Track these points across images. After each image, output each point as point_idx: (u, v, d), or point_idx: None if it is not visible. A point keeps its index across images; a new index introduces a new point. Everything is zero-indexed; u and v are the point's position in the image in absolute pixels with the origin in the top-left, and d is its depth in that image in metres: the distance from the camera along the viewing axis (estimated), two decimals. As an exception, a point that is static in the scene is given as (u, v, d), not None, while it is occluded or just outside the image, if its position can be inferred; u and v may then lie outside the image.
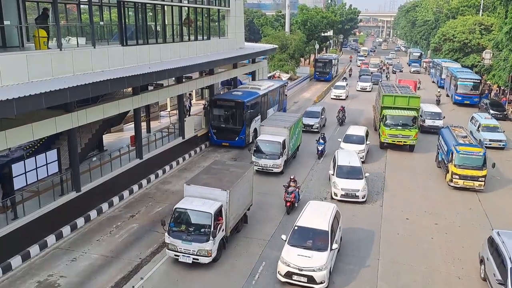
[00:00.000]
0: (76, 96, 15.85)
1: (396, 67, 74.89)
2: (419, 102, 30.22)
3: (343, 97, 47.66)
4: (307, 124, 32.28)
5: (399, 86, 35.43)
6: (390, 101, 29.84)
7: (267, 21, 74.68)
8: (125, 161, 21.60)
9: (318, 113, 34.15)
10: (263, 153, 23.94)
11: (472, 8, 72.90)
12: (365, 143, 27.17)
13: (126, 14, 21.23)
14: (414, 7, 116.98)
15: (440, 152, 26.03)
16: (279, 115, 28.93)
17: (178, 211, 15.55)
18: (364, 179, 21.31)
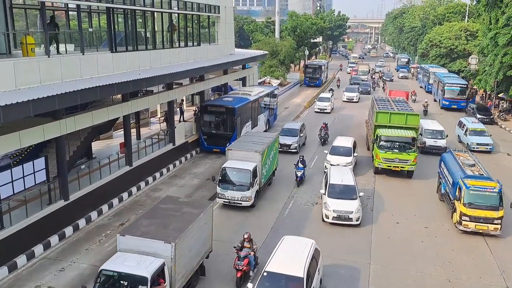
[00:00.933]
0: (64, 103, 15.68)
1: (387, 76, 69.68)
2: (418, 121, 26.64)
3: (328, 110, 43.14)
4: (284, 143, 28.44)
5: (394, 100, 31.23)
6: (384, 118, 26.33)
7: (257, 28, 74.94)
8: (115, 168, 21.39)
9: (296, 130, 30.12)
10: (231, 183, 20.22)
11: (458, 14, 74.04)
12: (352, 155, 25.71)
13: (116, 21, 21.11)
14: (402, 13, 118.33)
15: (443, 183, 21.82)
16: (251, 135, 24.57)
17: (104, 273, 11.83)
18: (358, 199, 19.38)
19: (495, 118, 40.28)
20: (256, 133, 27.37)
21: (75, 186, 18.74)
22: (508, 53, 34.57)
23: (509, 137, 33.47)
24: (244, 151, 21.36)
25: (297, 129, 30.37)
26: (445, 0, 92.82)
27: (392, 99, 31.99)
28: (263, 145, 21.93)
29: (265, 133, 29.48)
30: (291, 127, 30.77)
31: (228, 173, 20.52)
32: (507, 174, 26.18)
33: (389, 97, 33.01)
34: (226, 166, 20.66)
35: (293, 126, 30.99)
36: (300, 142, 30.29)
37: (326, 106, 43.38)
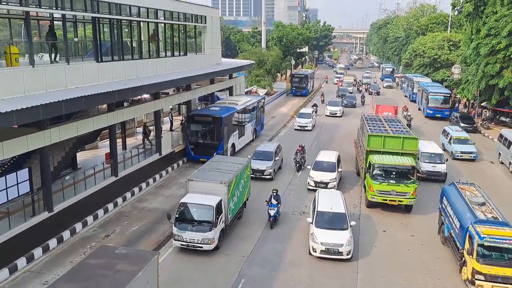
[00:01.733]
0: (48, 114, 15.51)
1: (373, 88, 65.94)
2: (416, 145, 23.18)
3: (309, 127, 39.47)
4: (256, 169, 25.06)
5: (387, 120, 27.86)
6: (377, 143, 23.00)
7: (244, 38, 75.25)
8: (100, 179, 21.16)
9: (271, 153, 26.43)
10: (190, 222, 16.99)
11: (441, 25, 75.39)
12: (336, 170, 24.36)
13: (101, 30, 21.05)
14: (386, 24, 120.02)
15: (446, 224, 18.20)
16: (218, 161, 20.99)
17: None
18: (350, 229, 17.29)
19: (478, 127, 40.90)
20: (225, 158, 23.46)
21: (59, 197, 18.48)
22: (490, 63, 35.26)
23: (492, 145, 33.98)
24: (208, 182, 18.20)
25: (272, 151, 26.60)
26: (428, 11, 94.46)
27: (385, 118, 28.40)
28: (231, 174, 18.76)
29: (235, 158, 25.31)
30: (265, 149, 27.06)
31: (187, 210, 17.35)
32: (491, 182, 26.56)
33: (380, 116, 28.80)
34: (184, 202, 17.41)
35: (267, 148, 27.31)
36: (276, 167, 26.84)
37: (307, 123, 39.52)
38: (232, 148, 29.86)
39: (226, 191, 17.92)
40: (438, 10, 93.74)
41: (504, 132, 30.83)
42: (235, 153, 30.37)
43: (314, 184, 23.87)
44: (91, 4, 19.26)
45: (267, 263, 16.83)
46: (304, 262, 16.96)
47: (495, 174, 28.51)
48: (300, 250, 17.87)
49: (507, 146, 28.98)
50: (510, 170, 28.22)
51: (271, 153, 26.54)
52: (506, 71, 34.34)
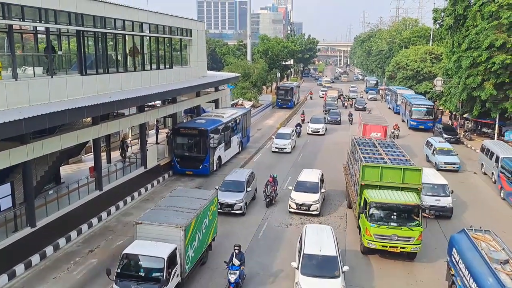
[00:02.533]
0: (31, 127, 15.35)
1: (359, 103, 62.62)
2: (420, 178, 19.29)
3: (288, 149, 35.43)
4: (224, 203, 21.68)
5: (382, 144, 24.33)
6: (374, 175, 19.43)
7: (229, 50, 75.76)
8: (84, 193, 20.89)
9: (242, 184, 22.92)
10: (134, 279, 13.69)
11: (423, 38, 76.90)
12: (320, 191, 22.66)
13: (86, 43, 20.97)
14: (369, 37, 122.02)
15: (458, 286, 14.37)
16: (178, 196, 17.77)
17: None
18: (342, 276, 14.62)
19: (461, 138, 41.55)
20: (187, 191, 19.43)
21: (42, 212, 18.17)
22: (472, 75, 35.97)
23: (475, 156, 34.49)
24: (160, 225, 14.91)
25: (243, 181, 23.08)
26: (410, 25, 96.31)
27: (379, 142, 24.77)
28: (191, 214, 15.65)
29: (200, 191, 20.42)
30: (236, 178, 23.47)
31: (132, 263, 14.22)
32: (475, 192, 26.92)
33: (374, 140, 25.03)
34: (128, 253, 14.18)
35: (238, 177, 23.66)
36: (248, 199, 23.23)
37: (285, 145, 35.42)
38: (218, 161, 29.81)
39: (183, 237, 14.63)
40: (420, 23, 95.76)
41: (486, 143, 31.35)
42: (221, 165, 30.30)
43: (295, 206, 22.28)
44: (75, 17, 19.22)
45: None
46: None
47: (478, 184, 28.90)
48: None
49: (489, 157, 29.45)
50: (492, 181, 28.63)
51: (242, 183, 22.94)
52: (487, 83, 35.03)
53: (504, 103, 35.07)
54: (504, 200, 25.46)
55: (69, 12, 18.75)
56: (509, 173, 25.11)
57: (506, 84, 34.69)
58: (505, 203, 25.09)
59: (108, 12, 21.42)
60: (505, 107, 35.07)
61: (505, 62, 33.06)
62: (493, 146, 29.76)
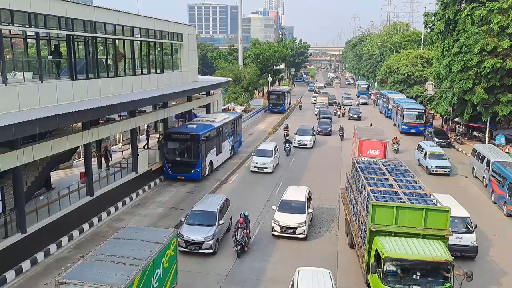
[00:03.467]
0: (21, 133, 15.19)
1: (354, 112, 57.58)
2: (447, 222, 15.03)
3: (270, 169, 30.66)
4: (191, 240, 17.94)
5: (389, 168, 19.83)
6: (387, 217, 15.14)
7: (221, 55, 75.69)
8: (75, 199, 20.70)
9: (213, 216, 18.98)
10: None
11: (414, 42, 77.54)
12: (307, 211, 20.38)
13: (76, 48, 20.85)
14: (360, 41, 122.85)
15: None
16: (125, 239, 13.93)
17: None
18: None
19: (452, 142, 41.84)
20: (139, 232, 14.72)
21: (33, 218, 17.98)
22: (463, 79, 36.26)
23: (466, 160, 34.74)
24: (90, 285, 11.23)
25: (214, 212, 19.16)
26: (402, 29, 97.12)
27: (386, 164, 20.61)
28: (134, 268, 12.03)
29: (151, 231, 15.18)
30: (206, 208, 19.54)
31: None
32: (466, 196, 27.08)
33: (380, 163, 20.74)
34: None
35: (209, 206, 19.69)
36: (221, 234, 19.30)
37: (266, 164, 30.76)
38: (210, 166, 29.73)
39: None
40: (411, 28, 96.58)
41: (477, 147, 31.60)
42: (213, 170, 30.21)
43: (280, 229, 19.95)
44: (65, 22, 19.10)
45: None
46: None
47: (469, 188, 29.09)
48: None
49: (480, 161, 29.67)
50: (483, 184, 28.84)
51: (213, 215, 19.04)
52: (478, 87, 35.33)
53: (494, 106, 35.40)
54: (495, 204, 25.65)
55: (59, 16, 18.64)
56: (499, 177, 25.31)
57: (497, 88, 35.04)
58: (496, 207, 25.27)
59: (98, 17, 21.33)
60: (495, 110, 35.40)
61: (496, 66, 33.38)
62: (484, 150, 29.99)
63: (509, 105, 34.28)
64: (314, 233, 21.04)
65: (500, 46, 33.34)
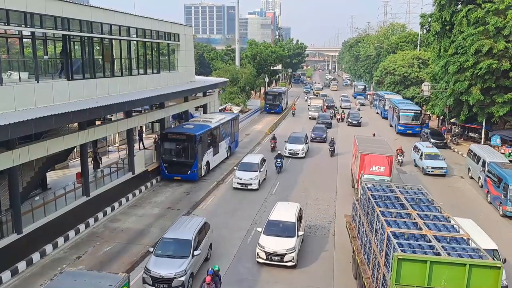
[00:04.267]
0: (17, 133, 15.14)
1: (353, 118, 52.68)
2: (498, 283, 11.21)
3: (255, 185, 26.88)
4: (158, 277, 15.09)
5: (409, 197, 15.73)
6: (417, 274, 11.49)
7: (217, 55, 75.76)
8: (71, 199, 20.64)
9: (187, 244, 16.08)
10: None
11: (410, 43, 77.74)
12: (296, 234, 17.70)
13: (72, 48, 20.80)
14: (357, 42, 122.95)
15: None
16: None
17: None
18: None
19: (448, 143, 41.97)
20: (75, 278, 12.24)
21: (28, 219, 17.90)
22: (459, 80, 36.39)
23: (462, 161, 34.86)
24: None
25: (189, 240, 16.20)
26: (398, 30, 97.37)
27: (403, 190, 16.62)
28: None
29: (95, 276, 12.54)
30: (179, 236, 16.55)
31: None
32: (462, 196, 27.18)
33: (395, 188, 16.63)
34: None
35: (183, 233, 16.67)
36: (195, 267, 16.32)
37: (251, 179, 26.97)
38: (207, 166, 29.70)
39: None
40: (407, 29, 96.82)
41: (473, 148, 31.71)
42: (209, 171, 30.19)
43: (265, 256, 17.26)
44: (61, 22, 19.05)
45: None
46: None
47: (465, 188, 29.18)
48: None
49: (476, 161, 29.78)
50: (479, 185, 28.94)
51: (187, 244, 16.10)
52: (474, 88, 35.46)
53: (490, 107, 35.53)
54: (490, 204, 25.74)
55: (55, 16, 18.58)
56: (495, 178, 25.41)
57: (493, 89, 35.18)
58: (492, 207, 25.37)
59: (95, 17, 21.28)
60: (491, 111, 35.54)
61: (492, 67, 33.52)
62: (480, 151, 30.10)
63: (505, 106, 34.44)
64: (306, 258, 18.32)
65: (495, 47, 33.48)
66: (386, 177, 23.21)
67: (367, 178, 22.80)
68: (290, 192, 27.21)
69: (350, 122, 52.69)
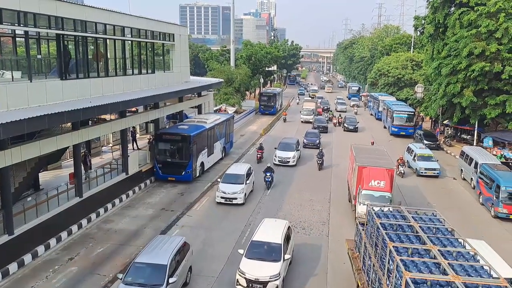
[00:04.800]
0: (9, 133, 15.01)
1: (349, 123, 49.92)
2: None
3: (240, 199, 24.17)
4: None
5: (425, 226, 13.33)
6: None
7: (213, 56, 75.61)
8: (63, 200, 20.50)
9: (162, 270, 14.18)
10: None
11: (404, 45, 78.10)
12: (282, 257, 15.78)
13: (66, 47, 20.69)
14: (351, 44, 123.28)
15: None
16: None
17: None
18: None
19: (441, 144, 42.19)
20: None
21: (20, 220, 17.75)
22: (451, 82, 36.60)
23: (455, 162, 35.03)
24: None
25: (164, 266, 14.35)
26: (392, 32, 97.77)
27: (417, 217, 14.43)
28: None
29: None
30: (153, 260, 14.66)
31: None
32: (454, 197, 27.31)
33: (406, 214, 14.40)
34: None
35: (158, 257, 14.79)
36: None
37: (235, 193, 24.15)
38: (201, 167, 29.64)
39: None
40: (401, 31, 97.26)
41: (466, 149, 31.88)
42: (204, 171, 30.13)
43: (246, 284, 15.20)
44: (55, 21, 18.95)
45: None
46: None
47: (458, 190, 29.32)
48: None
49: (468, 163, 29.94)
50: (471, 186, 29.10)
51: (161, 270, 14.22)
52: (466, 90, 35.67)
53: (483, 109, 35.76)
54: (482, 205, 25.89)
55: (48, 15, 18.47)
56: (487, 179, 25.56)
57: (485, 91, 35.41)
58: (484, 208, 25.51)
59: (89, 16, 21.19)
60: (484, 113, 35.76)
61: (484, 69, 33.74)
62: (472, 152, 30.26)
63: (497, 108, 34.69)
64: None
65: (488, 50, 33.71)
66: (386, 193, 20.98)
67: (366, 194, 20.96)
68: (282, 197, 26.01)
69: (346, 127, 50.19)
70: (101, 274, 16.49)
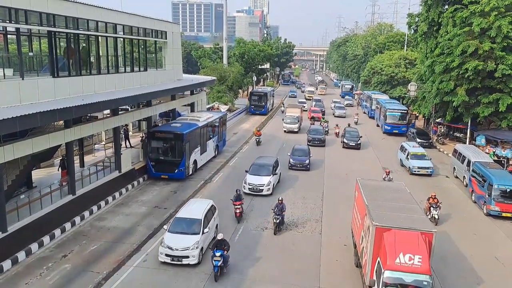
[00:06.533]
0: (1, 131, 14.94)
1: (350, 138, 38.99)
2: None
3: (194, 259, 16.84)
4: None
5: None
6: None
7: (205, 54, 75.54)
8: (56, 197, 20.42)
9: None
10: None
11: (397, 43, 78.42)
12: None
13: (58, 45, 20.55)
14: (345, 42, 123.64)
15: None
16: None
17: None
18: None
19: (433, 142, 42.43)
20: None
21: (13, 217, 17.67)
22: (444, 80, 36.76)
23: (448, 160, 35.25)
24: None
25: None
26: (386, 30, 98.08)
27: None
28: None
29: None
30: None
31: None
32: (447, 195, 27.46)
33: None
34: None
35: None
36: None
37: (187, 249, 16.79)
38: (194, 165, 29.59)
39: None
40: (395, 29, 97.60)
41: (458, 148, 32.08)
42: (197, 169, 30.09)
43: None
44: (46, 18, 18.80)
45: None
46: None
47: (451, 188, 29.51)
48: None
49: (461, 161, 30.14)
50: (464, 184, 29.30)
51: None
52: (459, 89, 35.82)
53: (476, 108, 35.96)
54: (475, 203, 26.08)
55: (40, 12, 18.34)
56: (480, 177, 25.76)
57: (478, 90, 35.60)
58: (476, 206, 25.70)
59: (81, 13, 21.06)
60: (476, 112, 35.97)
61: (477, 68, 33.89)
62: (465, 151, 30.47)
63: (490, 107, 34.90)
64: None
65: (481, 48, 33.87)
66: (424, 276, 13.06)
67: (392, 277, 13.10)
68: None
69: (346, 143, 38.75)
70: (94, 271, 16.41)
